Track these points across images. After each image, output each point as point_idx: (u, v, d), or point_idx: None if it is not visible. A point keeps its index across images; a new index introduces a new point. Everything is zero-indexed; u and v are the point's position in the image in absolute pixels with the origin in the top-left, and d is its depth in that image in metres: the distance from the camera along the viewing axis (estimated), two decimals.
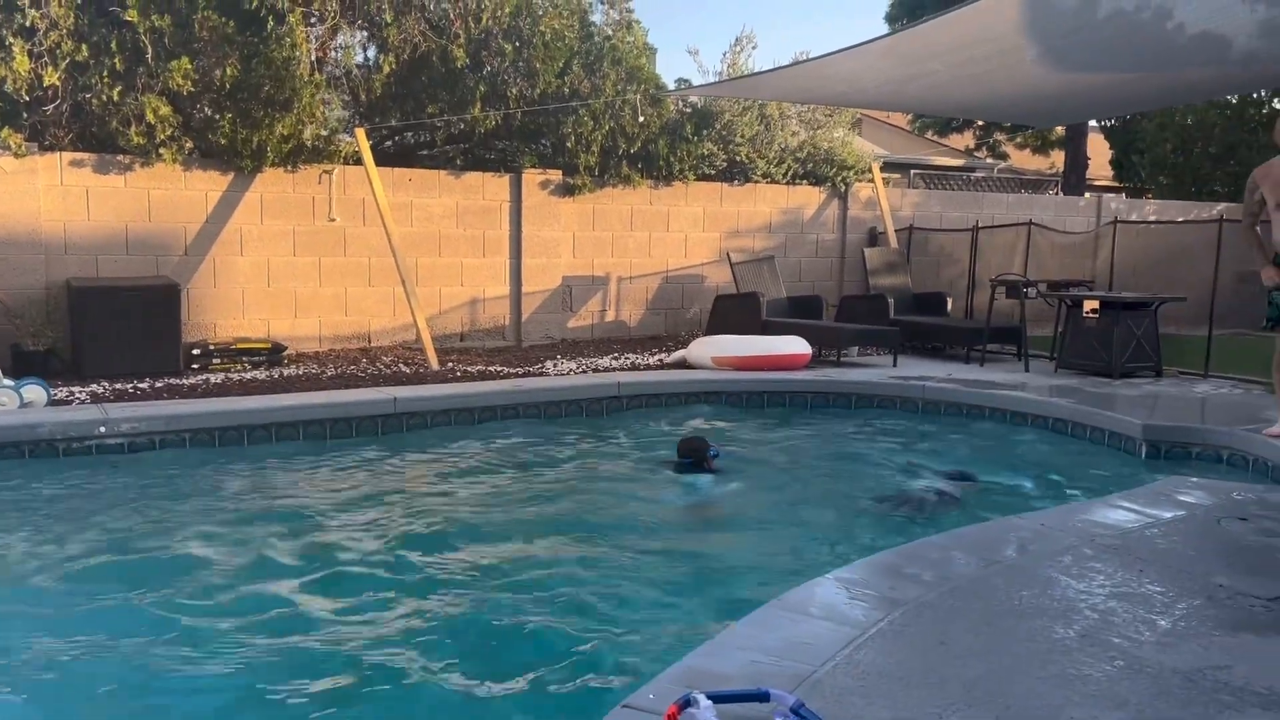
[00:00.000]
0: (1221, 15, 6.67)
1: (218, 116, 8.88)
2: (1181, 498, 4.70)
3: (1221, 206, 15.08)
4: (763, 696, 2.44)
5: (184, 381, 7.94)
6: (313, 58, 9.28)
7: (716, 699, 2.41)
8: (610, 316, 11.39)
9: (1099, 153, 21.28)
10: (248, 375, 8.32)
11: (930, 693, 2.62)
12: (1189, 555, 3.83)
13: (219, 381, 7.96)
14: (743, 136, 11.80)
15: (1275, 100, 16.04)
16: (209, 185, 9.19)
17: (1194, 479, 5.21)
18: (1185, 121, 16.60)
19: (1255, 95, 15.57)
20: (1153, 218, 14.74)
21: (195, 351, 8.52)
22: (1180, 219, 14.49)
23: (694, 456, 6.04)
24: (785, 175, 12.25)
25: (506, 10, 9.96)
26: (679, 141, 11.27)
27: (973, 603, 3.31)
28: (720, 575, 4.50)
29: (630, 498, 5.72)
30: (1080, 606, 3.28)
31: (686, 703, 2.39)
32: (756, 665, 2.77)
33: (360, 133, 9.28)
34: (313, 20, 9.30)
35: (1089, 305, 8.81)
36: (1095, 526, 4.21)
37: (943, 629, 3.07)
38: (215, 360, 8.57)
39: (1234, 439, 6.18)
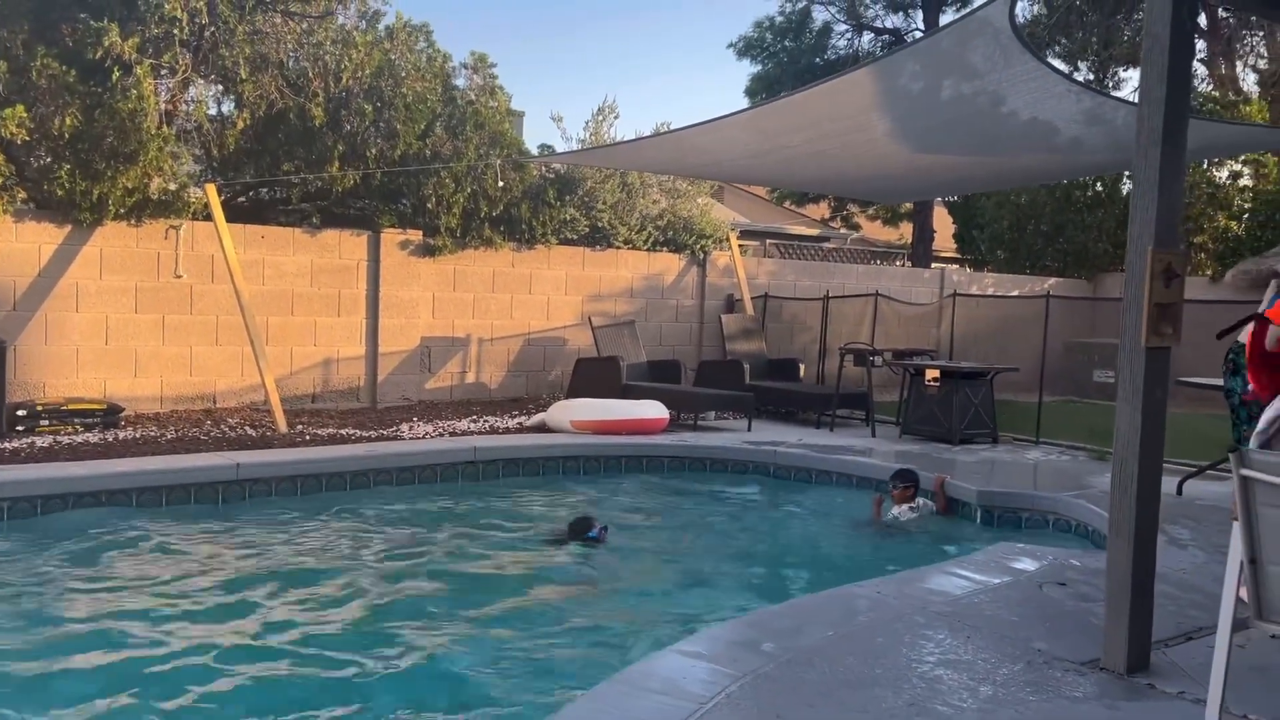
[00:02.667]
0: (1050, 104, 7.18)
1: (56, 166, 8.49)
2: (1009, 564, 4.94)
3: (1051, 281, 16.12)
4: None
5: (6, 445, 7.44)
6: (162, 110, 9.00)
7: None
8: (470, 378, 11.30)
9: (944, 226, 22.45)
10: (79, 438, 7.86)
11: None
12: (1012, 621, 4.01)
13: (46, 445, 7.50)
14: (605, 203, 11.99)
15: (1098, 184, 17.29)
16: (43, 238, 8.75)
17: (1021, 545, 5.48)
18: (1020, 200, 17.72)
19: (1081, 179, 16.75)
20: (991, 290, 15.62)
21: (20, 413, 8.01)
22: (1015, 292, 15.40)
23: (578, 537, 6.05)
24: (646, 242, 12.48)
25: (367, 71, 9.91)
26: (542, 206, 11.37)
27: (809, 673, 3.38)
28: (571, 646, 4.46)
29: (480, 566, 5.64)
30: (910, 675, 3.39)
31: None
32: None
33: (210, 188, 9.02)
34: (163, 72, 9.04)
35: (930, 374, 9.23)
36: (928, 594, 4.37)
37: (779, 702, 3.13)
38: (43, 422, 8.07)
39: (1058, 504, 6.54)
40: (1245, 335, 4.28)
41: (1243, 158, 16.04)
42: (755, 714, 3.02)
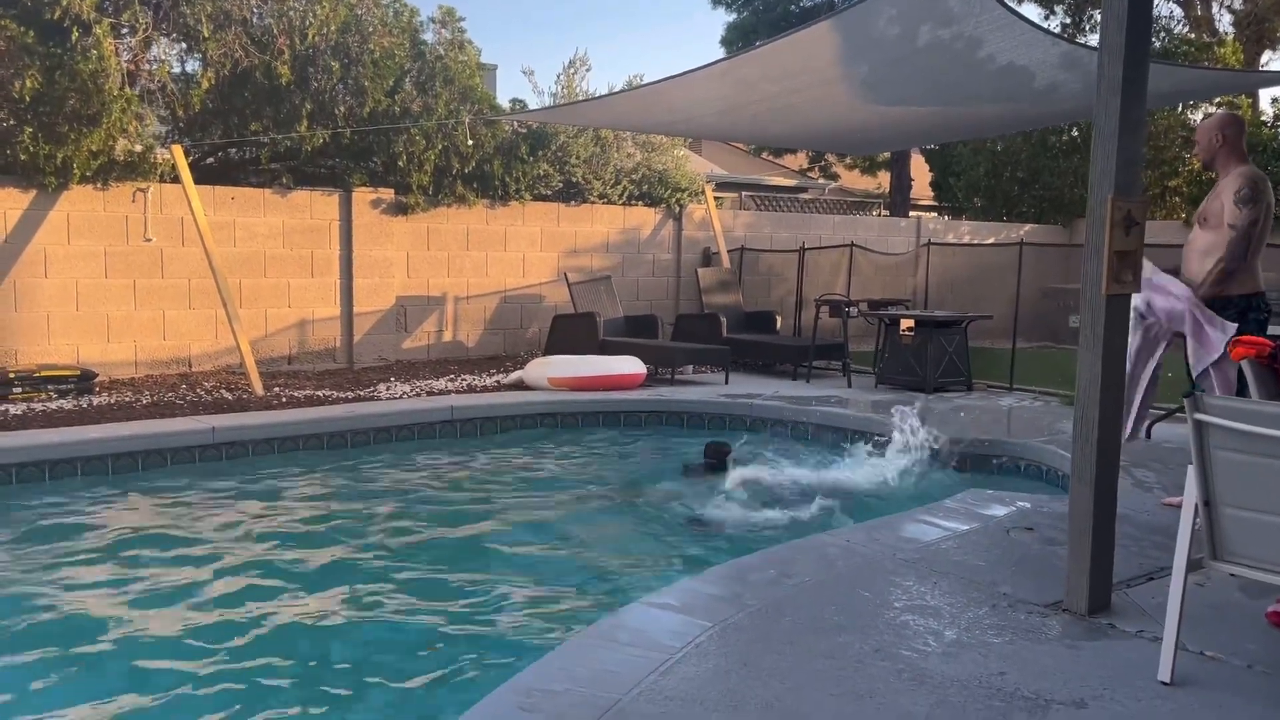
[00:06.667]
0: (1025, 49, 7.14)
1: (18, 130, 8.35)
2: (978, 510, 5.02)
3: (1027, 228, 16.16)
4: None
5: None
6: (124, 70, 8.84)
7: None
8: (447, 337, 11.27)
9: (922, 174, 22.40)
10: (53, 405, 7.83)
11: (728, 716, 2.72)
12: (979, 566, 4.09)
13: (19, 413, 7.46)
14: (578, 158, 11.90)
15: (1074, 130, 17.27)
16: (8, 203, 8.63)
17: (991, 491, 5.56)
18: (996, 148, 17.70)
19: (1056, 125, 16.73)
20: (967, 238, 15.65)
21: None
22: (991, 239, 15.45)
23: (717, 457, 6.62)
24: (621, 196, 12.42)
25: (333, 28, 9.75)
26: (514, 162, 11.27)
27: (778, 622, 3.44)
28: (543, 601, 4.53)
29: (458, 526, 5.68)
30: (877, 622, 3.46)
31: None
32: (566, 695, 2.81)
33: (177, 149, 8.90)
34: (123, 31, 8.86)
35: (905, 324, 9.27)
36: (898, 541, 4.44)
37: (746, 650, 3.19)
38: (16, 389, 8.02)
39: (1028, 450, 6.63)
40: None
41: (1217, 100, 16.04)
42: (723, 662, 3.08)
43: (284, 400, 8.20)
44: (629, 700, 2.79)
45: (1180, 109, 15.85)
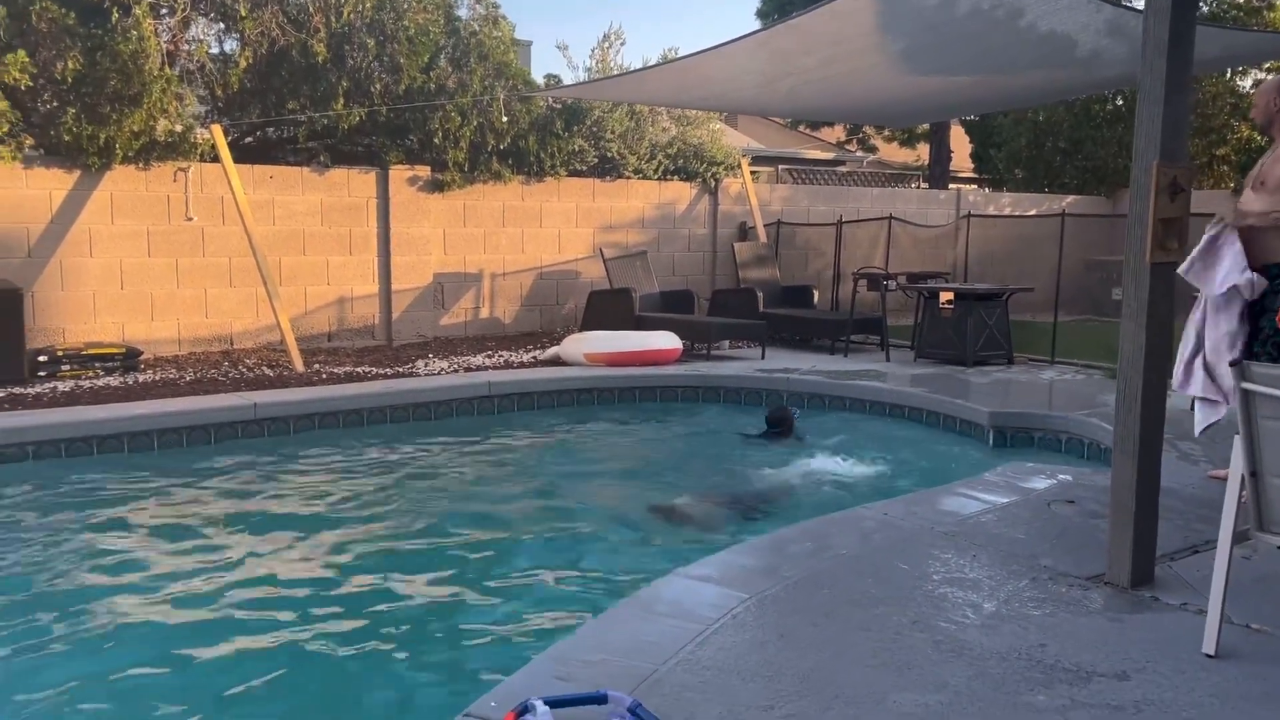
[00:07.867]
0: (1069, 11, 6.98)
1: (61, 112, 8.46)
2: (1018, 483, 4.97)
3: (1069, 200, 15.89)
4: (600, 699, 2.50)
5: (29, 390, 7.55)
6: (164, 51, 8.93)
7: (554, 704, 2.45)
8: (484, 313, 11.32)
9: (962, 146, 22.09)
10: (100, 382, 7.97)
11: (764, 685, 2.72)
12: (1019, 539, 4.05)
13: (68, 390, 7.61)
14: (613, 133, 11.86)
15: (1118, 98, 16.93)
16: (53, 184, 8.76)
17: (1030, 464, 5.50)
18: (1037, 118, 17.41)
19: (1099, 94, 16.40)
20: (1008, 210, 15.43)
21: (42, 358, 8.11)
22: (1033, 211, 15.21)
23: (781, 425, 6.73)
24: (657, 171, 12.37)
25: (368, 5, 9.77)
26: (549, 137, 11.26)
27: (815, 594, 3.43)
28: (583, 574, 4.56)
29: (497, 500, 5.73)
30: (915, 594, 3.44)
31: (525, 709, 2.42)
32: (603, 665, 2.83)
33: (216, 129, 8.98)
34: (162, 12, 8.94)
35: (944, 297, 9.17)
36: (936, 514, 4.41)
37: (783, 621, 3.19)
38: (64, 367, 8.17)
39: (1070, 423, 6.54)
40: None
41: (1266, 65, 15.63)
42: (760, 634, 3.08)
43: (324, 377, 8.29)
44: (666, 670, 2.80)
45: (1229, 75, 15.47)
